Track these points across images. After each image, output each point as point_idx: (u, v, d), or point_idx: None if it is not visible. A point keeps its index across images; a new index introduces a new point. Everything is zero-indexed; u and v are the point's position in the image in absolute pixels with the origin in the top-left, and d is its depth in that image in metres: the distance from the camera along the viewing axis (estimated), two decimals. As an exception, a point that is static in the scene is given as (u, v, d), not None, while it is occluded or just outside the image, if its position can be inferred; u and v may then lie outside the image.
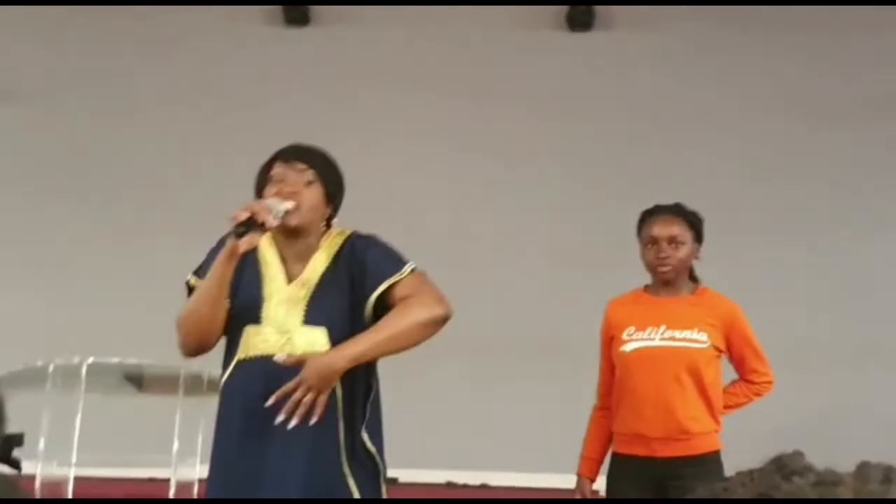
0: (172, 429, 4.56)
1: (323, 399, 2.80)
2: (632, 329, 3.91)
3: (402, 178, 4.79)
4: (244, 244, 2.83)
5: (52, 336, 5.26)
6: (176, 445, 4.56)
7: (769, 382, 4.04)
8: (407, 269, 2.96)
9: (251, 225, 2.81)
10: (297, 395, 2.78)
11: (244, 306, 2.95)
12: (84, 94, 6.54)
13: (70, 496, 4.25)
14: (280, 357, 2.82)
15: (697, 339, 3.87)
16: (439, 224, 4.96)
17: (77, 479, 4.32)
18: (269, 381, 2.81)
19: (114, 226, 6.20)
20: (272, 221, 2.84)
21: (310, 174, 3.01)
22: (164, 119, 6.50)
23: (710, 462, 3.82)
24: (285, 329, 2.92)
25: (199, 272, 3.03)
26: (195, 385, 4.55)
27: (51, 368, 4.37)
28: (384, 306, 2.94)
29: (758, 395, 4.04)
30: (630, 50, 6.57)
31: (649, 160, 6.21)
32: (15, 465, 1.12)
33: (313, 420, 2.78)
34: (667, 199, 4.07)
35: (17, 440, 1.16)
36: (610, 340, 3.98)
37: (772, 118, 6.38)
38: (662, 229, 3.93)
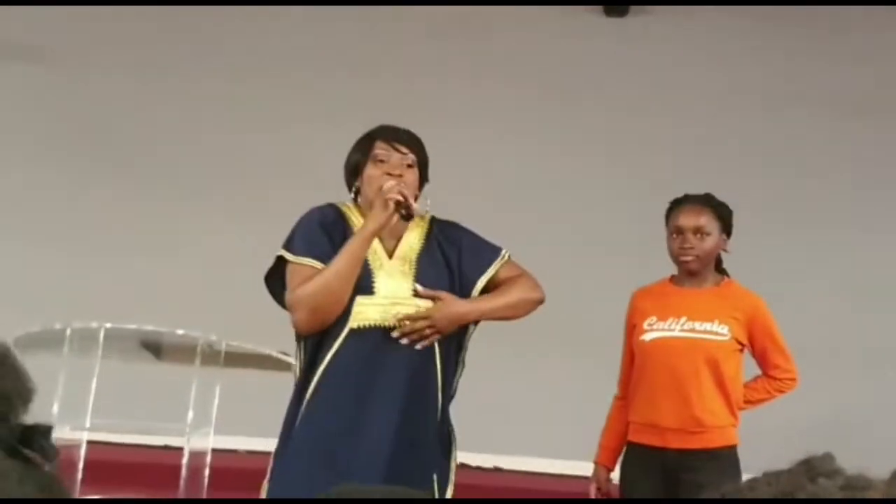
0: (188, 397, 4.55)
1: (436, 338, 3.03)
2: (653, 319, 3.89)
3: (435, 163, 4.73)
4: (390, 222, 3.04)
5: (72, 299, 5.27)
6: (191, 415, 4.56)
7: (793, 379, 3.98)
8: (505, 253, 3.22)
9: (405, 207, 3.02)
10: (420, 324, 3.01)
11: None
12: (116, 58, 6.54)
13: (83, 461, 4.26)
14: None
15: (718, 331, 3.84)
16: (465, 207, 4.94)
17: (90, 444, 4.33)
18: (383, 350, 3.00)
19: (139, 192, 6.22)
20: (416, 207, 3.08)
21: (410, 158, 3.17)
22: (196, 88, 6.49)
23: (724, 457, 3.79)
24: (397, 301, 3.05)
25: (295, 248, 3.09)
26: (212, 355, 4.55)
27: (68, 332, 4.36)
28: (485, 288, 3.18)
29: (780, 391, 3.99)
30: (664, 36, 6.53)
31: (678, 149, 6.16)
32: (44, 454, 1.05)
33: (418, 346, 3.00)
34: (696, 190, 4.03)
35: (43, 432, 1.09)
36: (632, 329, 3.96)
37: (807, 108, 6.32)
38: (688, 219, 3.90)
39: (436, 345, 3.05)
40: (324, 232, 3.11)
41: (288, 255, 3.08)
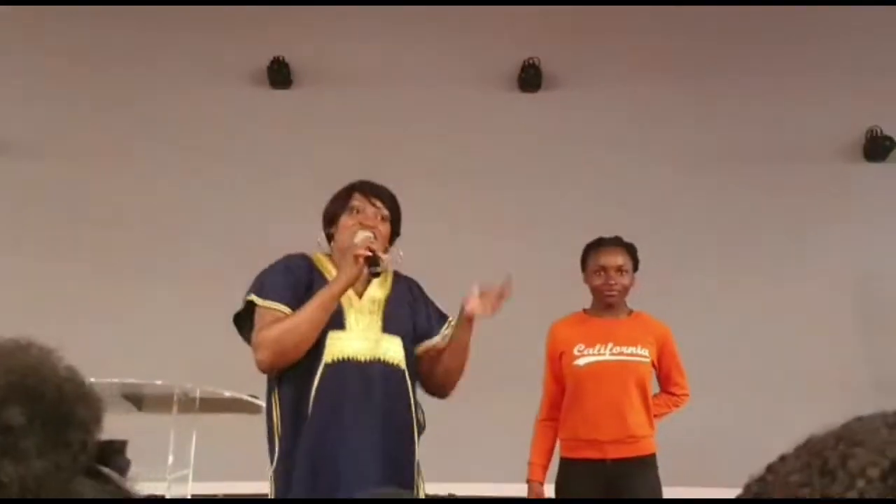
0: (167, 445, 4.79)
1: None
2: (581, 346, 4.33)
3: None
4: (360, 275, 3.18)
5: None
6: (171, 460, 4.81)
7: (686, 395, 4.53)
8: (452, 320, 3.42)
9: (374, 259, 3.16)
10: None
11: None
12: (72, 155, 6.78)
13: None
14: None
15: (641, 354, 4.33)
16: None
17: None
18: (360, 380, 3.15)
19: (110, 252, 6.49)
20: (386, 258, 3.23)
21: (384, 212, 3.33)
22: (148, 173, 6.77)
23: (650, 463, 4.29)
24: (368, 336, 3.21)
25: (263, 293, 3.21)
26: (188, 403, 4.81)
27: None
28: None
29: (676, 406, 4.52)
30: (576, 108, 6.91)
31: (595, 208, 6.54)
32: (119, 469, 1.09)
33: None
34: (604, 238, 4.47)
35: (118, 448, 1.12)
36: (559, 357, 4.38)
37: (704, 166, 6.83)
38: (610, 259, 4.37)
39: (407, 377, 3.25)
40: (291, 279, 3.22)
41: (257, 300, 3.19)
